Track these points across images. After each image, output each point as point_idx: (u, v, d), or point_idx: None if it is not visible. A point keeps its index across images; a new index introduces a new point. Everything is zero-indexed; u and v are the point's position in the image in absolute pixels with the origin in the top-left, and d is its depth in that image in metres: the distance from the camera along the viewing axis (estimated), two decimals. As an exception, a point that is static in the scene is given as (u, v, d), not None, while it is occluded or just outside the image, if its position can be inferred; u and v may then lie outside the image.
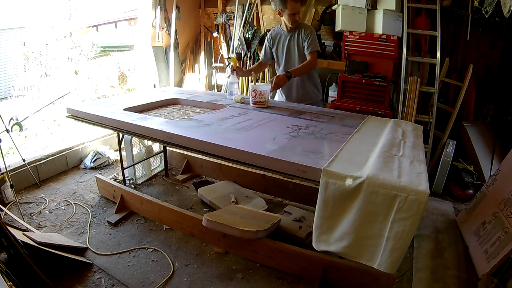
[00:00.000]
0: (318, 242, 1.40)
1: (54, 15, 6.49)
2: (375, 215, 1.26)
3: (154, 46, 4.12)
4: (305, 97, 2.62)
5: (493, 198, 2.10)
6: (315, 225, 1.39)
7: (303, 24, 2.58)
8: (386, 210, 1.23)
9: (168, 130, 1.76)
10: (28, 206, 2.45)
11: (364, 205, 1.26)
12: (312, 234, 1.41)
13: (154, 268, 1.86)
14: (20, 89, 5.82)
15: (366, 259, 1.31)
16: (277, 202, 2.57)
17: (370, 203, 1.25)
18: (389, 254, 1.24)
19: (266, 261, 1.88)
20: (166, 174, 2.99)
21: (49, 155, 2.94)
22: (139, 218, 2.31)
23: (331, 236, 1.36)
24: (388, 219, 1.23)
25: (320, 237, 1.39)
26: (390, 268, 1.26)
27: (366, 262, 1.31)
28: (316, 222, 1.38)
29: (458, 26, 3.10)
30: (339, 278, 1.71)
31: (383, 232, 1.25)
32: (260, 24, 4.04)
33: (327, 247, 1.37)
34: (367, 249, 1.30)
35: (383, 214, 1.24)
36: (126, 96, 3.51)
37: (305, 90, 2.60)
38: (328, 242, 1.37)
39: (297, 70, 2.41)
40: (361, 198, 1.26)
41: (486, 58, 3.15)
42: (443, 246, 2.06)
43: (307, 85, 2.60)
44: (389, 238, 1.23)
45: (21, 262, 1.51)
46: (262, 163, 1.48)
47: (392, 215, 1.22)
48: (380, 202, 1.24)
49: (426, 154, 2.83)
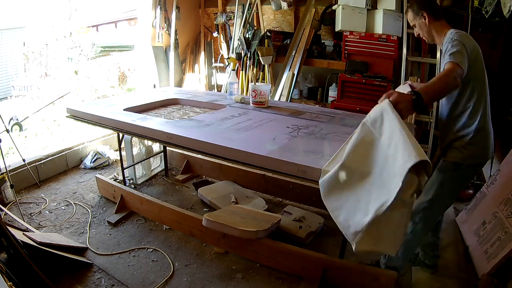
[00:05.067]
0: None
1: (54, 15, 6.47)
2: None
3: (154, 46, 4.12)
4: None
5: (493, 198, 2.10)
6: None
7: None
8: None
9: (168, 130, 1.76)
10: (28, 206, 2.45)
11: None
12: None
13: (154, 268, 1.86)
14: (20, 89, 5.81)
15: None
16: (277, 202, 2.57)
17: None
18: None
19: (266, 261, 1.88)
20: (166, 174, 2.99)
21: (49, 155, 2.94)
22: (139, 218, 2.31)
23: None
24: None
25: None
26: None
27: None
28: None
29: (458, 26, 3.08)
30: (339, 278, 1.71)
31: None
32: (260, 24, 4.04)
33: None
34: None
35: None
36: (126, 96, 3.51)
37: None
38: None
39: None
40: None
41: (486, 58, 3.12)
42: (443, 246, 2.06)
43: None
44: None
45: (21, 262, 1.51)
46: (262, 163, 1.48)
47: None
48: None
49: (426, 154, 2.83)
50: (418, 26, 1.65)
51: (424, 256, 1.85)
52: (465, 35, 1.47)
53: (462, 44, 1.39)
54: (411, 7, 1.64)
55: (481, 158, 1.55)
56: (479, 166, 1.61)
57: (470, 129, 1.48)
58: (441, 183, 1.56)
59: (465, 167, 1.53)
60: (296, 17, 3.85)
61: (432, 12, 1.59)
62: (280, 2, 3.77)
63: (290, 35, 3.72)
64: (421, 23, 1.62)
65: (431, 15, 1.59)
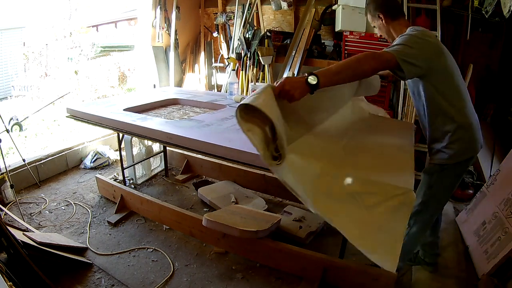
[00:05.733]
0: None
1: (54, 15, 6.48)
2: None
3: (154, 46, 4.12)
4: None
5: (493, 198, 2.10)
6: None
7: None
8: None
9: (168, 130, 1.76)
10: (28, 206, 2.45)
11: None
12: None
13: (154, 268, 1.86)
14: (20, 89, 5.82)
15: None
16: (277, 202, 2.57)
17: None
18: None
19: (266, 261, 1.88)
20: (166, 174, 2.99)
21: (49, 155, 2.94)
22: (139, 218, 2.31)
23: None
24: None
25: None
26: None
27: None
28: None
29: (458, 26, 3.09)
30: (339, 278, 1.71)
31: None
32: (260, 24, 4.04)
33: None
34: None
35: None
36: (126, 96, 3.51)
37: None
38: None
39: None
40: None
41: (486, 58, 3.15)
42: (443, 246, 2.06)
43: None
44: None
45: (21, 262, 1.51)
46: (262, 163, 1.47)
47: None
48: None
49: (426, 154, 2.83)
50: (377, 27, 1.61)
51: (424, 254, 1.85)
52: (422, 31, 1.40)
53: (413, 39, 1.32)
54: (367, 9, 1.60)
55: (468, 153, 1.47)
56: (468, 161, 1.50)
57: (448, 127, 1.43)
58: (429, 186, 1.53)
59: (452, 166, 1.47)
60: (296, 17, 3.85)
61: (388, 12, 1.54)
62: (280, 2, 3.77)
63: (290, 35, 3.72)
64: (379, 24, 1.58)
65: (388, 15, 1.54)
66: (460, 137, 1.43)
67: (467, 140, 1.45)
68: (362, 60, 1.23)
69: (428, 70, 1.35)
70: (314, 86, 1.14)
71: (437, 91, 1.40)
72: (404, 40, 1.33)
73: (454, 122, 1.42)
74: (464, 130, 1.44)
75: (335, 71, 1.19)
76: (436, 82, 1.39)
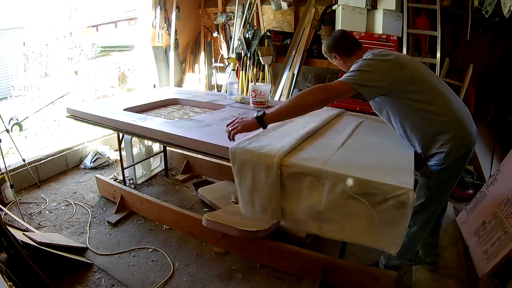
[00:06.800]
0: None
1: (54, 15, 6.48)
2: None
3: (154, 46, 4.12)
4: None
5: (493, 198, 2.10)
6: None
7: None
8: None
9: (168, 130, 1.76)
10: (28, 206, 2.45)
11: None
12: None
13: (154, 268, 1.86)
14: (20, 89, 5.82)
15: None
16: (277, 202, 2.57)
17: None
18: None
19: (266, 261, 1.88)
20: (166, 174, 2.99)
21: (49, 155, 2.94)
22: (139, 218, 2.31)
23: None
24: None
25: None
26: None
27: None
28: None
29: (458, 26, 3.10)
30: (339, 278, 1.70)
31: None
32: (260, 24, 4.04)
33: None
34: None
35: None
36: (126, 96, 3.50)
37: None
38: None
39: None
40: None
41: (486, 58, 3.15)
42: (443, 246, 2.06)
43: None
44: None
45: (21, 262, 1.51)
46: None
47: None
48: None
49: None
50: (338, 65, 1.64)
51: (424, 254, 1.85)
52: (379, 53, 1.41)
53: (366, 62, 1.35)
54: (323, 51, 1.65)
55: (463, 148, 1.41)
56: (465, 156, 1.44)
57: (437, 128, 1.38)
58: (428, 187, 1.50)
59: (449, 165, 1.42)
60: (296, 17, 3.86)
61: (343, 51, 1.57)
62: (280, 2, 3.77)
63: (290, 35, 3.72)
64: (338, 63, 1.62)
65: (343, 54, 1.57)
66: (453, 134, 1.37)
67: (461, 135, 1.40)
68: (309, 95, 1.32)
69: (393, 86, 1.35)
70: (260, 119, 1.33)
71: (412, 100, 1.37)
72: (358, 66, 1.36)
73: (440, 119, 1.37)
74: (455, 126, 1.39)
75: (284, 108, 1.35)
76: (406, 93, 1.37)
